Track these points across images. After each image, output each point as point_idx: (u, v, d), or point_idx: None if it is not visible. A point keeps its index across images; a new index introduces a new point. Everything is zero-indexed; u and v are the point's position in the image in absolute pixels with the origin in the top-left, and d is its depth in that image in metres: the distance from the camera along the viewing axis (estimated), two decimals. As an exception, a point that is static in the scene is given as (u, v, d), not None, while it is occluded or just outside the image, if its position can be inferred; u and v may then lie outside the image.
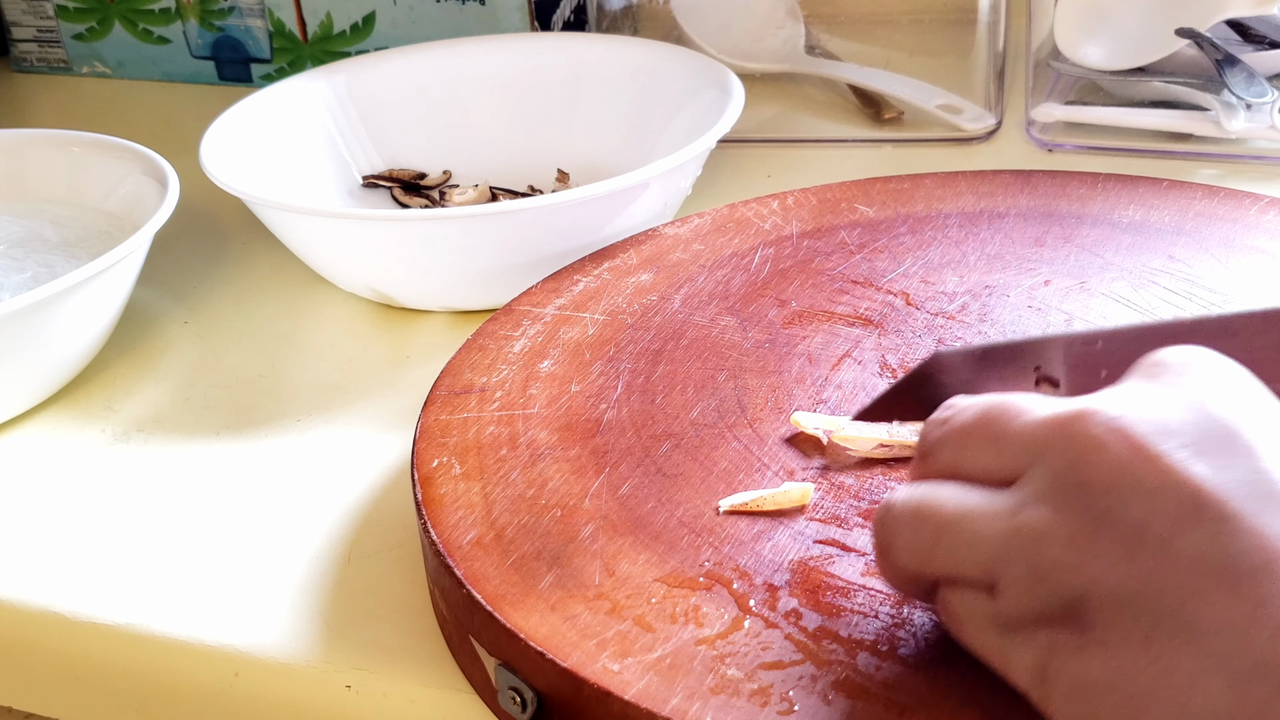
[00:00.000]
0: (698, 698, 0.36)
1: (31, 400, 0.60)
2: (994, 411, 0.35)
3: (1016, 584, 0.33)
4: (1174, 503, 0.31)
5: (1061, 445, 0.33)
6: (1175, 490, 0.31)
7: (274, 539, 0.51)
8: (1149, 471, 0.32)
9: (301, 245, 0.65)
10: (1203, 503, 0.31)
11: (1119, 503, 0.32)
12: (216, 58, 0.97)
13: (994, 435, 0.35)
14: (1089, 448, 0.33)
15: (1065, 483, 0.33)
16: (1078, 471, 0.33)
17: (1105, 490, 0.32)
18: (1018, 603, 0.33)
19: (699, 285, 0.57)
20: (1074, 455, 0.33)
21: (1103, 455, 0.32)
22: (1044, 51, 0.78)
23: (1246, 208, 0.59)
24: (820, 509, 0.44)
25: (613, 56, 0.78)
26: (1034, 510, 0.33)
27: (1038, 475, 0.33)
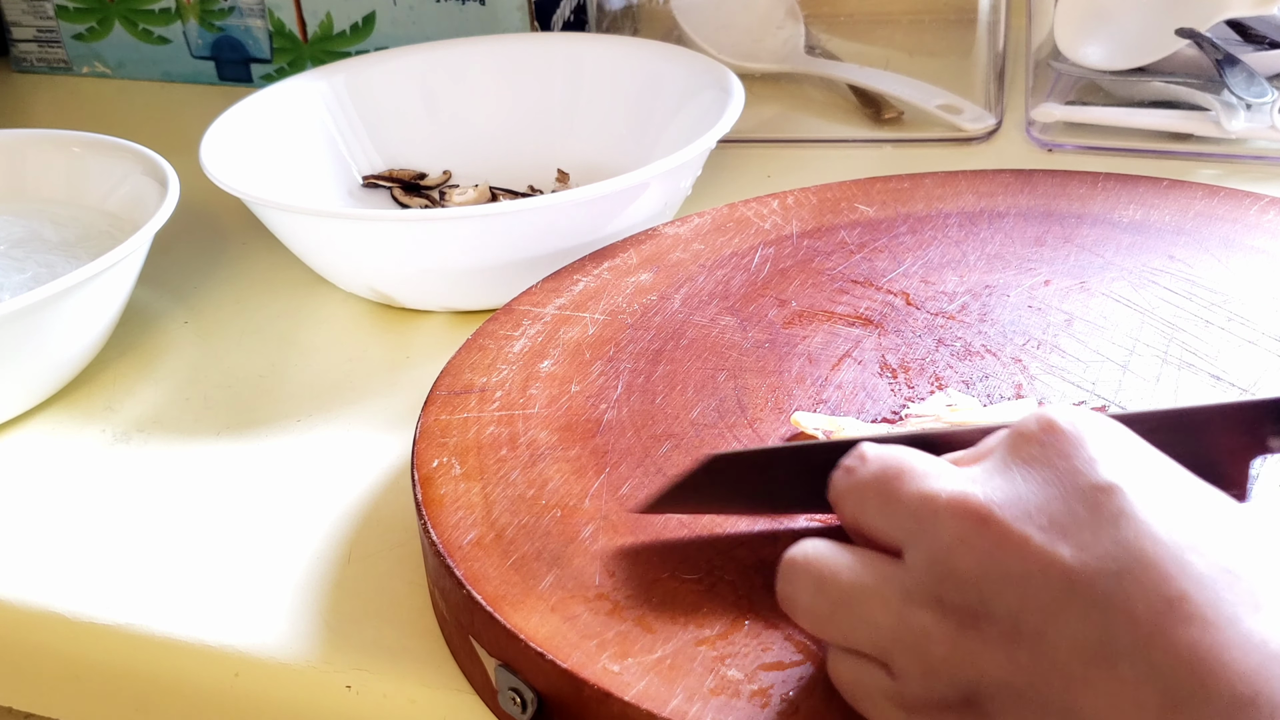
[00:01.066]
0: (698, 698, 0.36)
1: (31, 400, 0.60)
2: (889, 473, 0.35)
3: (910, 675, 0.33)
4: (1043, 590, 0.31)
5: (934, 531, 0.33)
6: (1042, 576, 0.31)
7: (274, 539, 0.51)
8: (1014, 559, 0.32)
9: (301, 245, 0.65)
10: (1071, 586, 0.31)
11: (992, 594, 0.32)
12: (216, 58, 0.97)
13: (886, 499, 0.35)
14: (956, 538, 0.32)
15: (940, 571, 0.32)
16: (949, 561, 0.32)
17: (976, 583, 0.32)
18: (915, 689, 0.33)
19: (699, 285, 0.57)
20: (945, 543, 0.33)
21: (970, 545, 0.32)
22: (1044, 51, 0.78)
23: (1246, 208, 0.59)
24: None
25: (613, 56, 0.77)
26: (916, 606, 0.33)
27: (918, 556, 0.33)
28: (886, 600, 0.33)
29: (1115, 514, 0.31)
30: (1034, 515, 0.32)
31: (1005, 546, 0.32)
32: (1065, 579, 0.31)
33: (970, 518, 0.32)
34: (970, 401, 0.48)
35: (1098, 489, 0.32)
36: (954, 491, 0.33)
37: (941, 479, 0.34)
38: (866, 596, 0.34)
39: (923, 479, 0.34)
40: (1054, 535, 0.31)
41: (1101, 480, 0.32)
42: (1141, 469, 0.33)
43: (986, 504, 0.32)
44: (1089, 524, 0.31)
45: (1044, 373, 0.50)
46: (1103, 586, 0.30)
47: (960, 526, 0.32)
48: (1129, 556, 0.31)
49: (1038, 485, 0.33)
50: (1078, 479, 0.32)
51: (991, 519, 0.32)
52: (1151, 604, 0.30)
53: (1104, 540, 0.31)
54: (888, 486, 0.35)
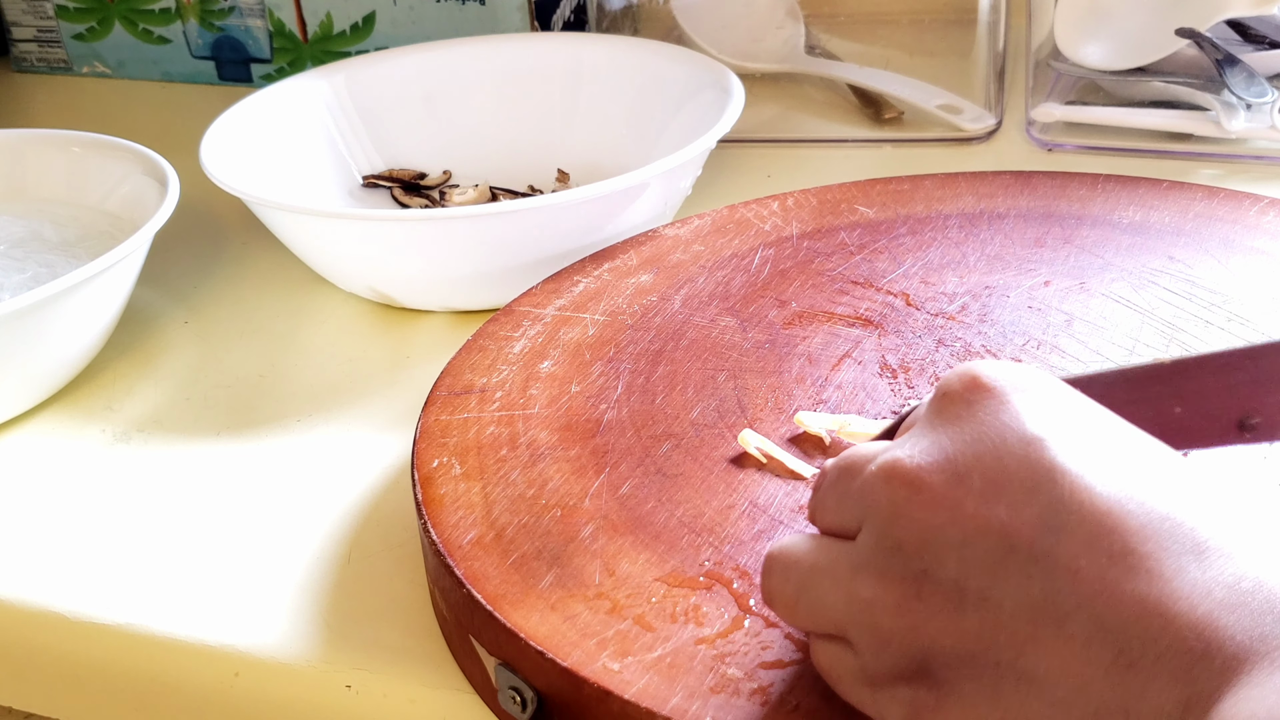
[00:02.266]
0: (698, 697, 0.36)
1: (31, 400, 0.60)
2: (841, 469, 0.35)
3: (866, 648, 0.33)
4: (983, 552, 0.31)
5: (875, 506, 0.33)
6: (981, 540, 0.31)
7: (274, 539, 0.51)
8: (950, 524, 0.31)
9: (301, 245, 0.65)
10: (1010, 547, 0.30)
11: (934, 561, 0.31)
12: (216, 58, 0.97)
13: (839, 495, 0.35)
14: (895, 509, 0.32)
15: (884, 545, 0.32)
16: (890, 532, 0.32)
17: (918, 551, 0.32)
18: (873, 663, 0.33)
19: (699, 286, 0.57)
20: (886, 516, 0.32)
21: (905, 514, 0.32)
22: (1044, 51, 0.78)
23: (1246, 208, 0.59)
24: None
25: (613, 56, 0.77)
26: (864, 578, 0.33)
27: (866, 534, 0.33)
28: (837, 578, 0.33)
29: (1048, 468, 0.31)
30: (965, 476, 0.32)
31: (939, 511, 0.31)
32: (1003, 539, 0.31)
33: (903, 485, 0.32)
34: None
35: (1027, 443, 0.31)
36: (883, 461, 0.33)
37: (878, 459, 0.34)
38: (820, 576, 0.34)
39: (866, 463, 0.34)
40: (988, 495, 0.31)
41: (1030, 434, 0.32)
42: (1071, 419, 0.32)
43: (915, 470, 0.32)
44: (1022, 481, 0.31)
45: (1044, 373, 0.50)
46: (1042, 544, 0.30)
47: (894, 495, 0.32)
48: (1066, 511, 0.30)
49: (966, 444, 0.32)
50: (1006, 435, 0.32)
51: (922, 484, 0.32)
52: (1094, 559, 0.30)
53: (1040, 496, 0.31)
54: (840, 482, 0.35)
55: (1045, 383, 0.33)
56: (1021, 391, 0.33)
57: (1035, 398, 0.33)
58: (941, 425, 0.33)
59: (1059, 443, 0.31)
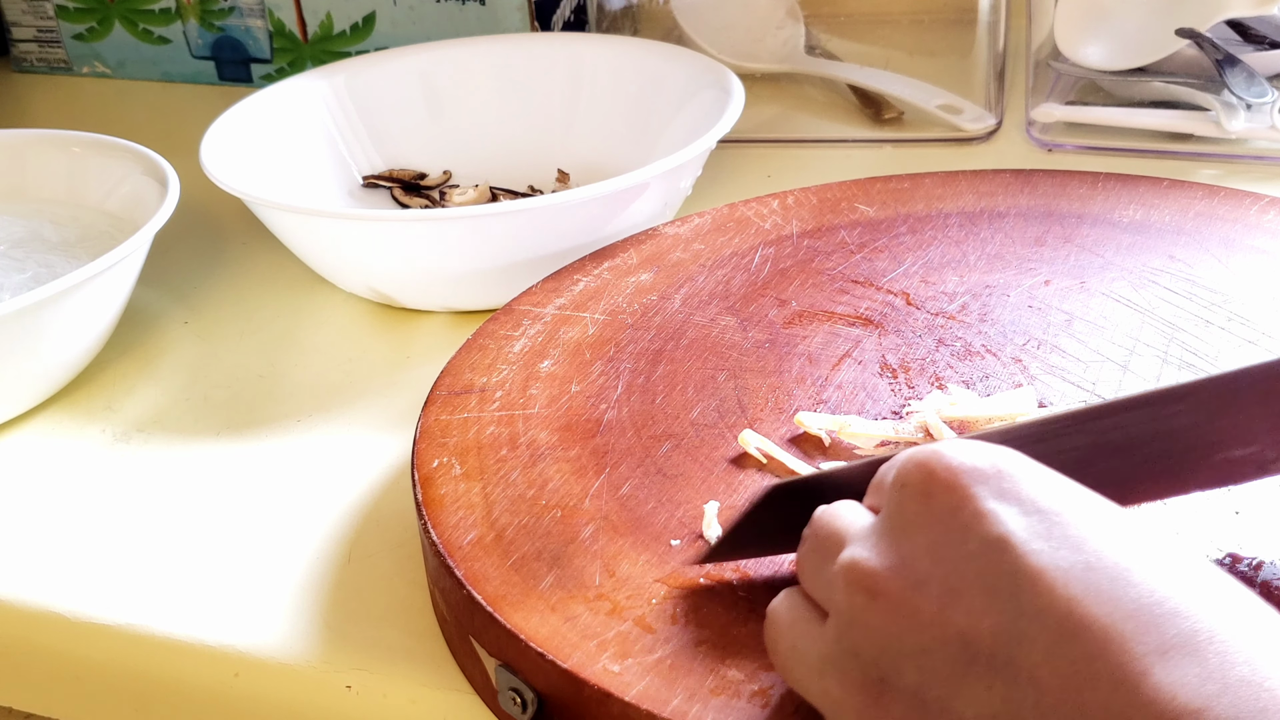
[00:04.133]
0: (698, 699, 0.36)
1: (31, 400, 0.60)
2: (818, 538, 0.35)
3: None
4: (942, 662, 0.30)
5: (836, 605, 0.33)
6: (940, 649, 0.30)
7: (274, 539, 0.51)
8: (909, 633, 0.31)
9: (301, 245, 0.65)
10: (970, 656, 0.30)
11: (892, 670, 0.31)
12: (216, 58, 0.97)
13: (815, 565, 0.34)
14: (852, 613, 0.32)
15: (844, 646, 0.32)
16: (850, 636, 0.32)
17: (875, 658, 0.31)
18: None
19: (699, 285, 0.57)
20: (845, 617, 0.32)
21: (864, 621, 0.31)
22: (1044, 51, 0.78)
23: (1247, 208, 0.59)
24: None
25: (613, 56, 0.77)
26: (830, 675, 0.32)
27: (830, 627, 0.33)
28: (810, 666, 0.33)
29: (1008, 573, 0.30)
30: (923, 583, 0.31)
31: (898, 620, 0.31)
32: (963, 648, 0.30)
33: (862, 590, 0.32)
34: (969, 395, 0.48)
35: (987, 547, 0.30)
36: (845, 561, 0.32)
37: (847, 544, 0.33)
38: (796, 659, 0.34)
39: (837, 546, 0.34)
40: (946, 602, 0.30)
41: (990, 535, 0.30)
42: (1033, 509, 0.31)
43: (873, 573, 0.32)
44: (980, 586, 0.30)
45: (1044, 373, 0.50)
46: (1002, 654, 0.29)
47: (853, 600, 0.32)
48: (1027, 618, 0.29)
49: (923, 548, 0.31)
50: (966, 538, 0.31)
51: (880, 591, 0.31)
52: (1055, 667, 0.29)
53: (998, 603, 0.30)
54: (815, 554, 0.35)
55: (1005, 466, 0.32)
56: (980, 483, 0.31)
57: (995, 489, 0.31)
58: (900, 524, 0.32)
59: (1018, 544, 0.30)
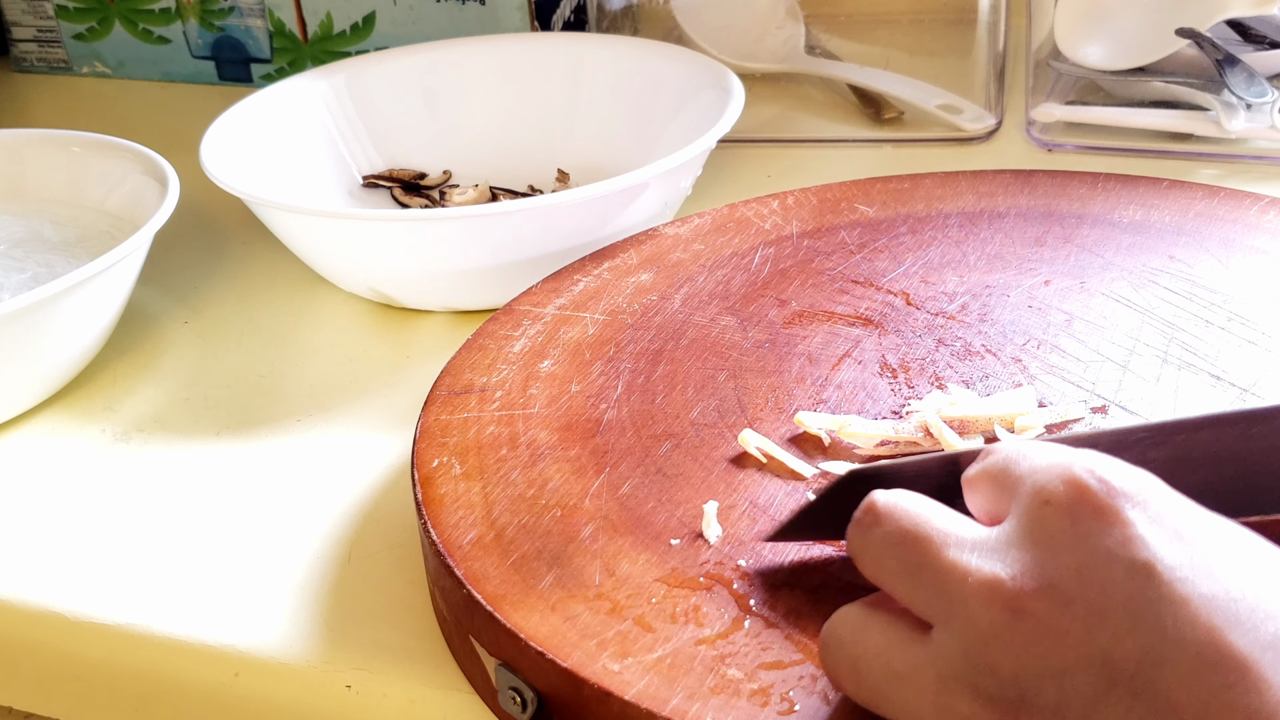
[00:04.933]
0: (698, 698, 0.36)
1: (31, 400, 0.60)
2: (908, 538, 0.34)
3: None
4: (1084, 683, 0.30)
5: (964, 617, 0.32)
6: (1083, 671, 0.30)
7: (274, 539, 0.51)
8: (1052, 653, 0.30)
9: (301, 245, 0.65)
10: (1112, 679, 0.30)
11: (1032, 687, 0.31)
12: (216, 58, 0.97)
13: (907, 568, 0.33)
14: (990, 630, 0.31)
15: (976, 661, 0.31)
16: (985, 654, 0.31)
17: (1015, 677, 0.31)
18: None
19: (699, 285, 0.57)
20: (979, 634, 0.31)
21: (1005, 639, 0.31)
22: (1044, 51, 0.78)
23: (1247, 208, 0.59)
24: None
25: (613, 56, 0.77)
26: (957, 693, 0.32)
27: (950, 641, 0.32)
28: (922, 688, 0.32)
29: (1154, 599, 0.30)
30: (1069, 602, 0.31)
31: (1042, 639, 0.31)
32: (1106, 671, 0.30)
33: (1004, 609, 0.31)
34: (969, 395, 0.48)
35: (1134, 571, 0.30)
36: (983, 577, 0.32)
37: (965, 551, 0.32)
38: (902, 684, 0.33)
39: (943, 548, 0.33)
40: (1091, 624, 0.30)
41: (1137, 560, 0.30)
42: (1175, 538, 0.31)
43: (1018, 593, 0.31)
44: (1126, 610, 0.30)
45: (1044, 372, 0.50)
46: (1144, 677, 0.29)
47: (993, 618, 0.31)
48: (1169, 644, 0.29)
49: (1070, 569, 0.31)
50: (1112, 560, 0.31)
51: (1026, 610, 0.31)
52: (1195, 694, 0.29)
53: (1143, 628, 0.30)
54: (908, 554, 0.33)
55: (1149, 490, 0.32)
56: (1128, 508, 0.31)
57: (1142, 513, 0.31)
58: (1043, 539, 0.32)
59: (1164, 570, 0.30)
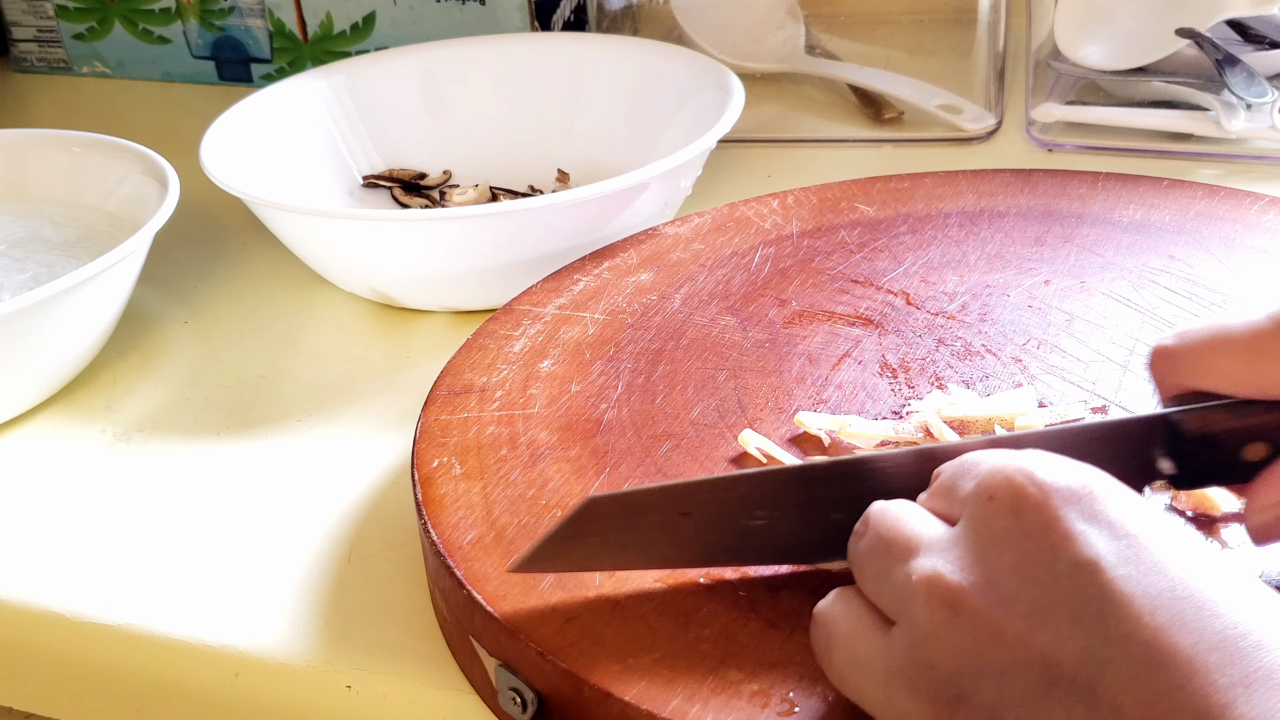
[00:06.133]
0: (698, 698, 0.36)
1: (31, 400, 0.60)
2: (882, 542, 0.34)
3: None
4: (1023, 683, 0.30)
5: (911, 614, 0.32)
6: (1022, 669, 0.30)
7: (274, 539, 0.51)
8: (990, 651, 0.30)
9: (301, 245, 0.65)
10: (1052, 679, 0.29)
11: (970, 687, 0.30)
12: (216, 58, 0.97)
13: (879, 571, 0.34)
14: (931, 627, 0.31)
15: (918, 658, 0.31)
16: (925, 651, 0.31)
17: (953, 674, 0.31)
18: None
19: (699, 285, 0.57)
20: (922, 631, 0.31)
21: (944, 636, 0.31)
22: (1044, 51, 0.78)
23: (1247, 207, 0.59)
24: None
25: (613, 56, 0.77)
26: (898, 687, 0.32)
27: (900, 636, 0.32)
28: (874, 675, 0.33)
29: (1095, 597, 0.30)
30: (1009, 600, 0.30)
31: (980, 637, 0.30)
32: (1045, 670, 0.30)
33: (944, 605, 0.31)
34: (969, 395, 0.48)
35: (1077, 568, 0.30)
36: (924, 573, 0.32)
37: (920, 553, 0.33)
38: (859, 668, 0.34)
39: (906, 551, 0.33)
40: (1031, 623, 0.30)
41: (1080, 559, 0.30)
42: (1120, 536, 0.31)
43: (958, 589, 0.31)
44: (1067, 609, 0.30)
45: (1044, 372, 0.50)
46: (1085, 677, 0.29)
47: (934, 614, 0.31)
48: (1112, 643, 0.29)
49: (1011, 566, 0.31)
50: (1055, 559, 0.30)
51: (964, 607, 0.31)
52: (1139, 696, 0.29)
53: (1084, 627, 0.30)
54: (880, 558, 0.34)
55: (1094, 487, 0.32)
56: (1071, 503, 0.31)
57: (1085, 510, 0.31)
58: (986, 538, 0.32)
59: (1107, 568, 0.30)
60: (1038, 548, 0.31)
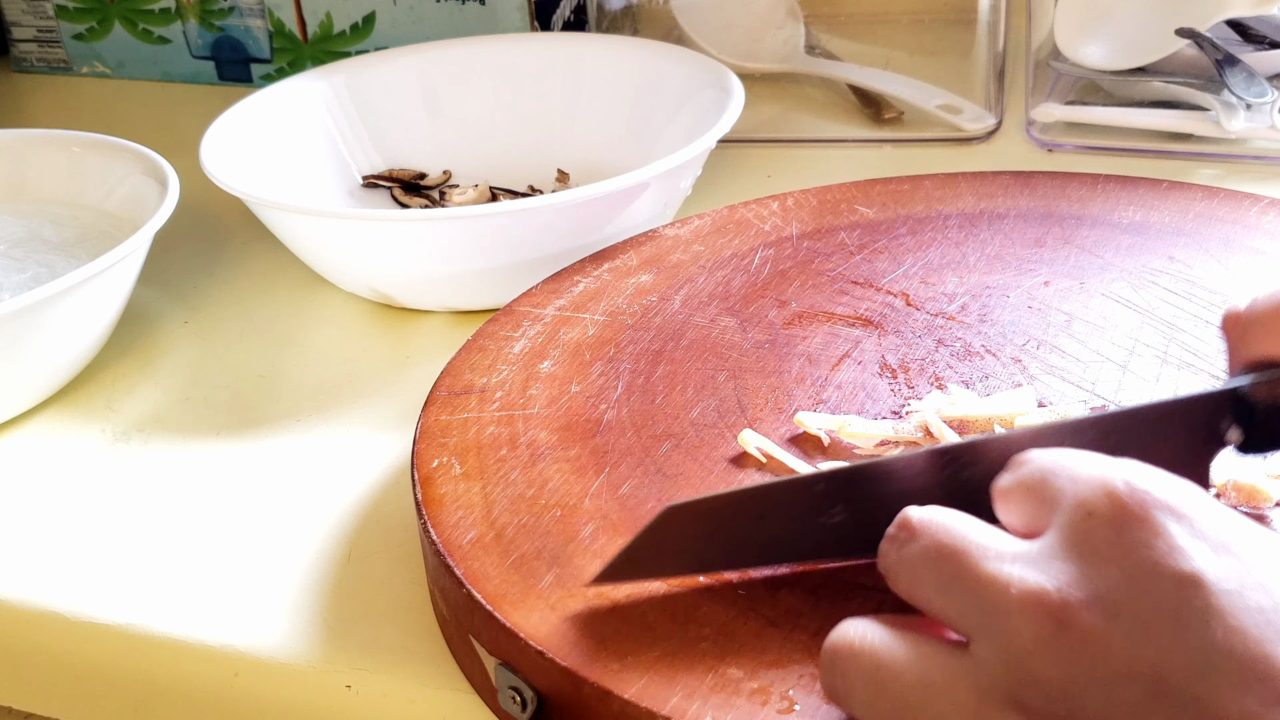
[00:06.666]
0: (697, 697, 0.36)
1: (31, 400, 0.60)
2: (944, 551, 0.33)
3: None
4: (1131, 695, 0.30)
5: (1006, 628, 0.31)
6: (1129, 682, 0.30)
7: (274, 539, 0.51)
8: (1099, 664, 0.30)
9: (301, 245, 0.65)
10: (1159, 691, 0.29)
11: (1077, 699, 0.30)
12: (216, 58, 0.97)
13: (944, 581, 0.33)
14: (1035, 640, 0.31)
15: (1019, 674, 0.31)
16: (1028, 665, 0.31)
17: (1061, 689, 0.30)
18: None
19: (699, 286, 0.57)
20: (1023, 645, 0.31)
21: (1050, 649, 0.30)
22: (1044, 51, 0.78)
23: (1246, 208, 0.59)
24: (820, 509, 0.44)
25: (613, 56, 0.78)
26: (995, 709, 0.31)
27: (990, 652, 0.31)
28: (959, 702, 0.32)
29: (1201, 610, 0.30)
30: (1116, 615, 0.30)
31: (1088, 651, 0.30)
32: (1153, 682, 0.29)
33: (1049, 619, 0.31)
34: (968, 395, 0.48)
35: (1181, 582, 0.30)
36: (1026, 588, 0.31)
37: (1005, 563, 0.32)
38: (936, 696, 0.32)
39: (982, 560, 0.32)
40: (1137, 636, 0.30)
41: (1184, 572, 0.30)
42: (1220, 550, 0.31)
43: (1064, 604, 0.31)
44: (1173, 622, 0.30)
45: (1044, 373, 0.50)
46: (1192, 689, 0.29)
47: (1038, 628, 0.31)
48: (1218, 655, 0.29)
49: (1115, 580, 0.31)
50: (1159, 572, 0.30)
51: (1072, 623, 0.30)
52: (1245, 704, 0.29)
53: (1192, 639, 0.29)
54: (944, 568, 0.33)
55: (1192, 500, 0.32)
56: (1173, 517, 0.31)
57: (1187, 525, 0.31)
58: (1089, 553, 0.31)
59: (1210, 582, 0.30)
60: (1142, 561, 0.31)
